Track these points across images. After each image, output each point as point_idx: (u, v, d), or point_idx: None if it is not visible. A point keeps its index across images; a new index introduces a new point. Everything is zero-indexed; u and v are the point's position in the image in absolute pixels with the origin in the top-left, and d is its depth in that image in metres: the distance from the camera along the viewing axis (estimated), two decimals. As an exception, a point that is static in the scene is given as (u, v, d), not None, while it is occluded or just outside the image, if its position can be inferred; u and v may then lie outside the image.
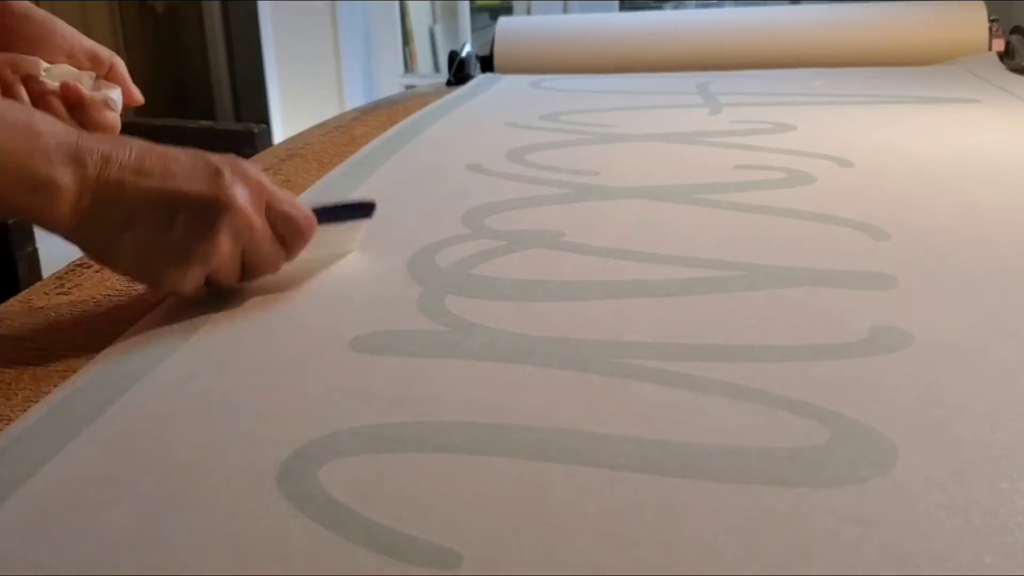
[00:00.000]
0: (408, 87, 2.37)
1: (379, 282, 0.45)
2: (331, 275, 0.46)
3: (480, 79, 1.14)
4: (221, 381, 0.35)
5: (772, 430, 0.31)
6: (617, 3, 2.70)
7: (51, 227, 0.38)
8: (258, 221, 0.41)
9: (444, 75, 1.23)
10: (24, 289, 0.47)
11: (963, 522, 0.26)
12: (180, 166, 0.40)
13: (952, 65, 1.09)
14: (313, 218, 0.44)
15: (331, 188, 0.62)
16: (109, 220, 0.39)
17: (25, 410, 0.34)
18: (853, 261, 0.45)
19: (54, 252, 0.88)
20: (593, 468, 0.29)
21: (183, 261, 0.40)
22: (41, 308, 0.44)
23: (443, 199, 0.59)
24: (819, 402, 0.32)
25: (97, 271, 0.49)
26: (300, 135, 0.86)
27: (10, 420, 0.33)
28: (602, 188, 0.60)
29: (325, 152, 0.76)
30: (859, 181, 0.61)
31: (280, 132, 2.26)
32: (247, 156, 0.77)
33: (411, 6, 2.93)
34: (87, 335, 0.41)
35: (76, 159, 0.37)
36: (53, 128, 0.37)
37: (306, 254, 0.44)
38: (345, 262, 0.48)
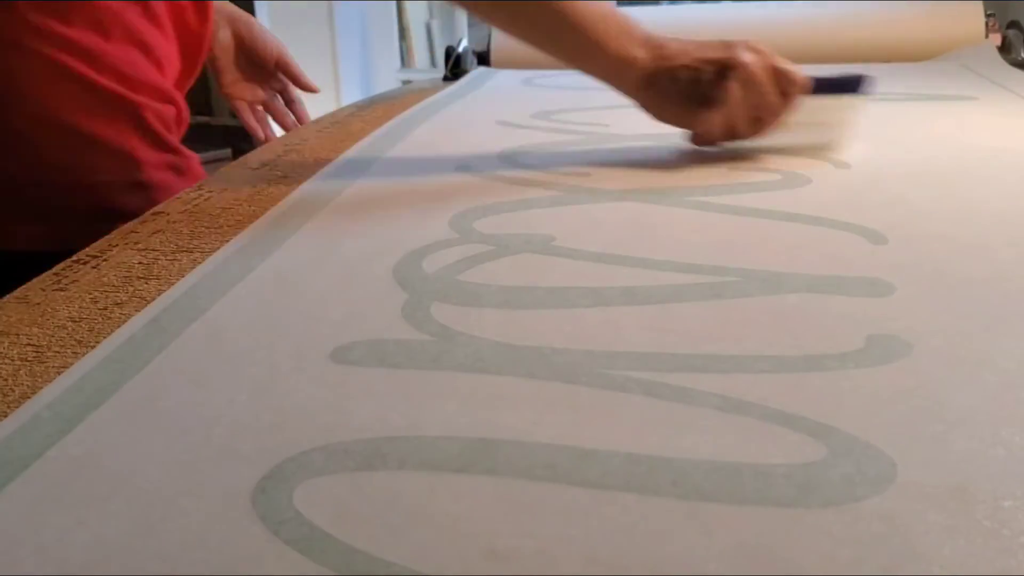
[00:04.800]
0: (405, 82, 2.35)
1: (363, 289, 0.44)
2: (314, 281, 0.45)
3: (472, 75, 1.13)
4: (195, 395, 0.34)
5: (767, 446, 0.30)
6: (613, 1, 2.69)
7: (624, 89, 0.63)
8: (761, 74, 0.59)
9: (441, 69, 1.22)
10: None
11: (965, 543, 0.25)
12: (699, 47, 0.61)
13: (949, 61, 1.07)
14: (806, 75, 0.60)
15: (318, 190, 0.61)
16: (660, 86, 0.61)
17: (21, 406, 0.33)
18: (850, 266, 0.44)
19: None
20: (580, 488, 0.28)
21: (707, 106, 0.61)
22: (38, 304, 0.43)
23: (431, 201, 0.57)
24: (815, 416, 0.31)
25: (94, 268, 0.48)
26: (297, 131, 0.85)
27: (6, 416, 0.33)
28: (593, 190, 0.59)
29: (322, 147, 0.75)
30: (855, 183, 0.59)
31: (277, 128, 2.24)
32: (244, 151, 0.77)
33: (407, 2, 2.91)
34: (84, 332, 0.40)
35: (646, 45, 0.61)
36: (631, 25, 0.61)
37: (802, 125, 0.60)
38: (331, 267, 0.46)
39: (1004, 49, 1.08)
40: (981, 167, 0.62)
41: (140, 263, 0.49)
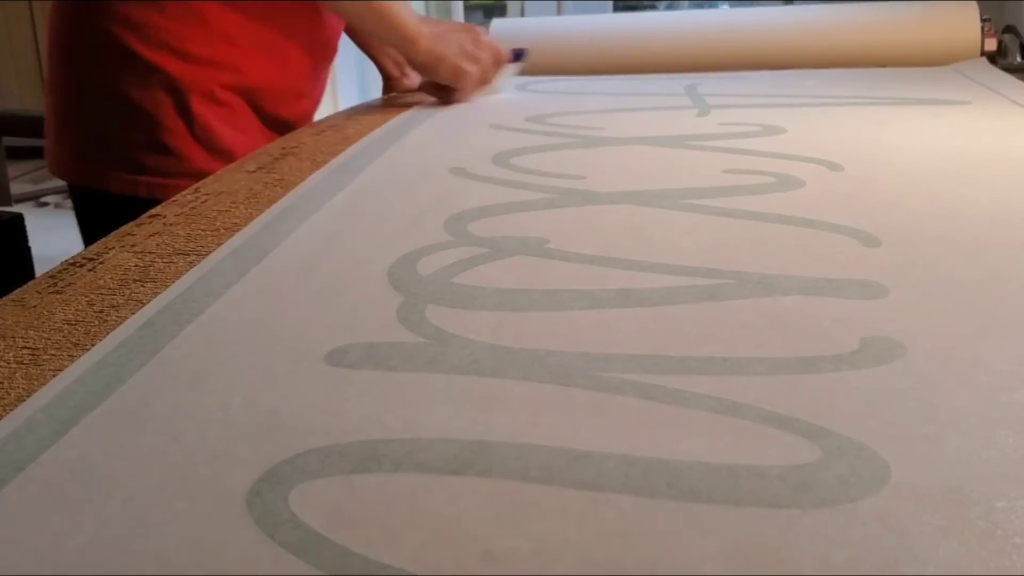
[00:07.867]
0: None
1: (358, 291, 0.44)
2: (309, 284, 0.45)
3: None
4: (191, 398, 0.34)
5: (761, 448, 0.30)
6: (611, 3, 2.69)
7: (409, 57, 0.91)
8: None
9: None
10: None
11: (959, 544, 0.25)
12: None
13: (943, 66, 1.08)
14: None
15: (313, 193, 0.61)
16: (434, 56, 0.90)
17: (16, 409, 0.33)
18: (843, 269, 0.44)
19: (46, 250, 0.86)
20: (575, 489, 0.28)
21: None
22: (34, 307, 0.43)
23: (426, 204, 0.57)
24: (809, 418, 0.31)
25: (90, 271, 0.48)
26: (294, 134, 0.85)
27: (1, 420, 0.33)
28: (588, 193, 0.59)
29: (319, 151, 0.75)
30: (849, 185, 0.60)
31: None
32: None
33: (402, 6, 2.91)
34: (80, 335, 0.40)
35: (423, 25, 0.88)
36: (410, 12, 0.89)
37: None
38: (326, 270, 0.46)
39: (1000, 53, 1.09)
40: (974, 170, 0.62)
41: (136, 266, 0.48)
